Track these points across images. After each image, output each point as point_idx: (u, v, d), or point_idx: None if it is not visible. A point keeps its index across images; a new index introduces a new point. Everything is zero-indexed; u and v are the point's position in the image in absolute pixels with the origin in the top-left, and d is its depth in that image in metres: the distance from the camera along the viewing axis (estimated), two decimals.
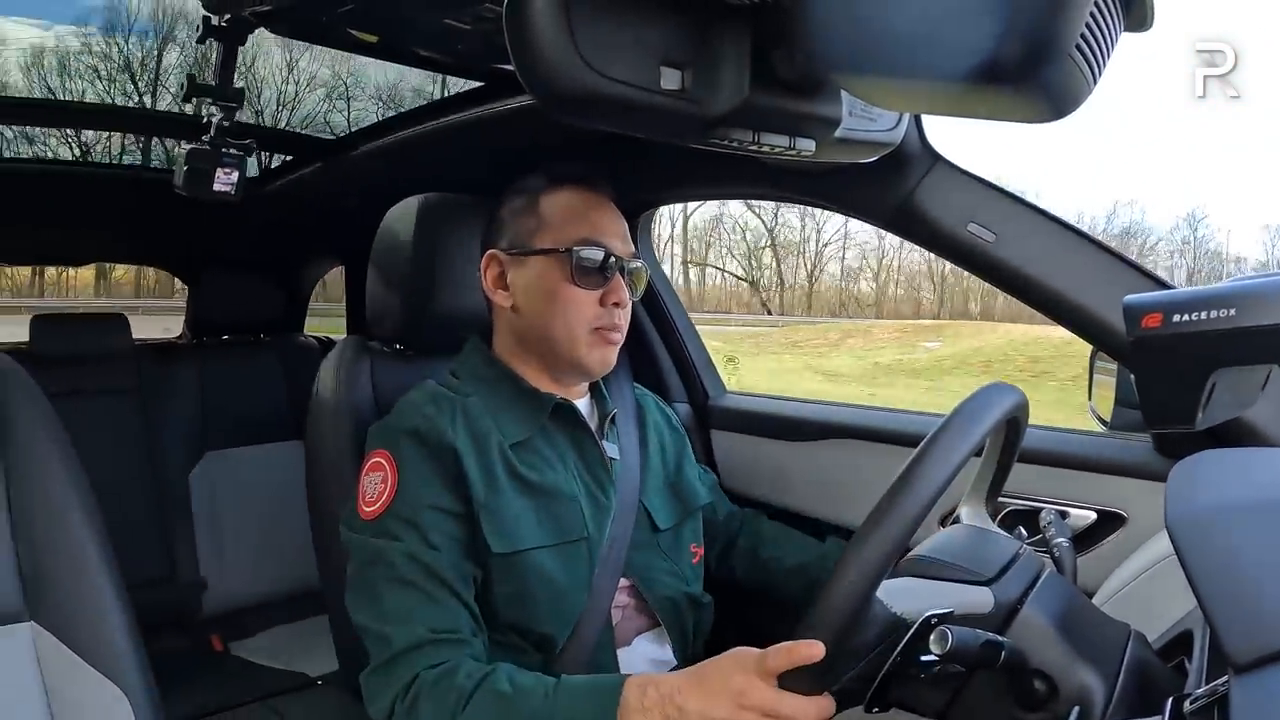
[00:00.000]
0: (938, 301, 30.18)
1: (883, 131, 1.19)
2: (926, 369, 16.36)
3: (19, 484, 1.35)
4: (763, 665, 1.07)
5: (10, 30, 2.29)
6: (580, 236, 1.50)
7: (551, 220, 1.53)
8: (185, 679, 2.75)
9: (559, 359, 1.54)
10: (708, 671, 1.14)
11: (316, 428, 1.72)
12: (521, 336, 1.57)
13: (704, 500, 1.74)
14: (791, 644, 1.02)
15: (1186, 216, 26.25)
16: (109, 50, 2.33)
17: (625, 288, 1.52)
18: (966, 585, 1.08)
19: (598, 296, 1.51)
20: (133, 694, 1.32)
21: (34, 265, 11.06)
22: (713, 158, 1.11)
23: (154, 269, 3.90)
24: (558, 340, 1.52)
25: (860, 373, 15.21)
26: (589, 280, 1.50)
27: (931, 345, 17.93)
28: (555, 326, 1.51)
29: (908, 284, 31.01)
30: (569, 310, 1.50)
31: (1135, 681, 1.01)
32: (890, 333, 20.41)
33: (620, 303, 1.52)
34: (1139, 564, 1.33)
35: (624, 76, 0.87)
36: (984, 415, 1.09)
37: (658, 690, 1.17)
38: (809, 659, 1.01)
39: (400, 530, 1.39)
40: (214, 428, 3.33)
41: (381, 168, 2.58)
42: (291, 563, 3.14)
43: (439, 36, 1.64)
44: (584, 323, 1.51)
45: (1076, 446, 1.66)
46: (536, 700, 1.24)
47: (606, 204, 1.57)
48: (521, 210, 1.56)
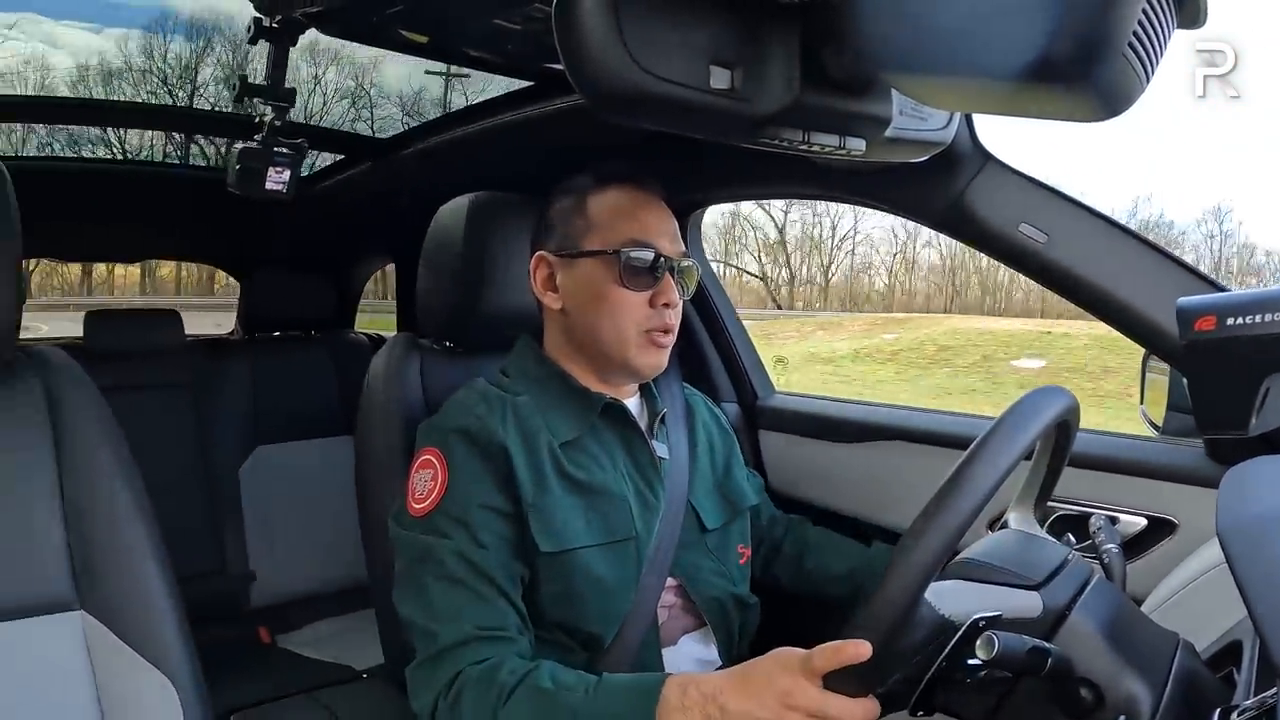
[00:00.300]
0: (948, 295, 30.07)
1: (933, 131, 1.18)
2: (842, 357, 17.08)
3: (72, 475, 1.38)
4: (808, 665, 1.05)
5: (61, 34, 2.34)
6: (629, 237, 1.49)
7: (599, 221, 1.52)
8: (232, 669, 2.77)
9: (609, 361, 1.53)
10: (751, 672, 1.12)
11: (366, 424, 1.74)
12: (571, 337, 1.56)
13: (751, 501, 1.73)
14: (838, 644, 1.01)
15: (1213, 210, 25.96)
16: (162, 52, 2.38)
17: (675, 288, 1.51)
18: (1015, 589, 1.07)
19: (647, 298, 1.49)
20: (180, 683, 1.34)
21: (92, 262, 11.24)
22: (762, 157, 1.11)
23: (196, 268, 3.95)
24: (607, 342, 1.51)
25: (794, 359, 15.54)
26: (638, 281, 1.49)
27: (889, 337, 18.25)
28: (604, 329, 1.51)
29: (927, 277, 30.89)
30: (618, 312, 1.49)
31: (1182, 692, 0.99)
32: (863, 325, 20.66)
33: (670, 303, 1.51)
34: (1189, 572, 1.31)
35: (673, 76, 0.87)
36: (1034, 419, 1.07)
37: (699, 690, 1.15)
38: (856, 659, 0.99)
39: (449, 528, 1.39)
40: (265, 423, 3.37)
41: (432, 167, 2.60)
42: (339, 557, 3.17)
43: (489, 36, 1.64)
44: (633, 325, 1.50)
45: (1127, 451, 1.63)
46: (577, 697, 1.23)
47: (655, 203, 1.55)
48: (569, 211, 1.55)
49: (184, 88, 2.65)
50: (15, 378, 1.41)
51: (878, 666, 1.00)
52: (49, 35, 2.34)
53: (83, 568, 1.35)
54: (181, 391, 3.29)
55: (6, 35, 2.29)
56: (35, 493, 1.36)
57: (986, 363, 15.69)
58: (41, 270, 18.57)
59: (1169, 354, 1.49)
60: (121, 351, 3.17)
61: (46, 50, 2.58)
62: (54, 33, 2.34)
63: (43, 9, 2.24)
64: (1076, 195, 1.56)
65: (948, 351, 16.53)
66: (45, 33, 2.32)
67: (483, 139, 2.30)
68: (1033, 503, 1.28)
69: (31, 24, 2.28)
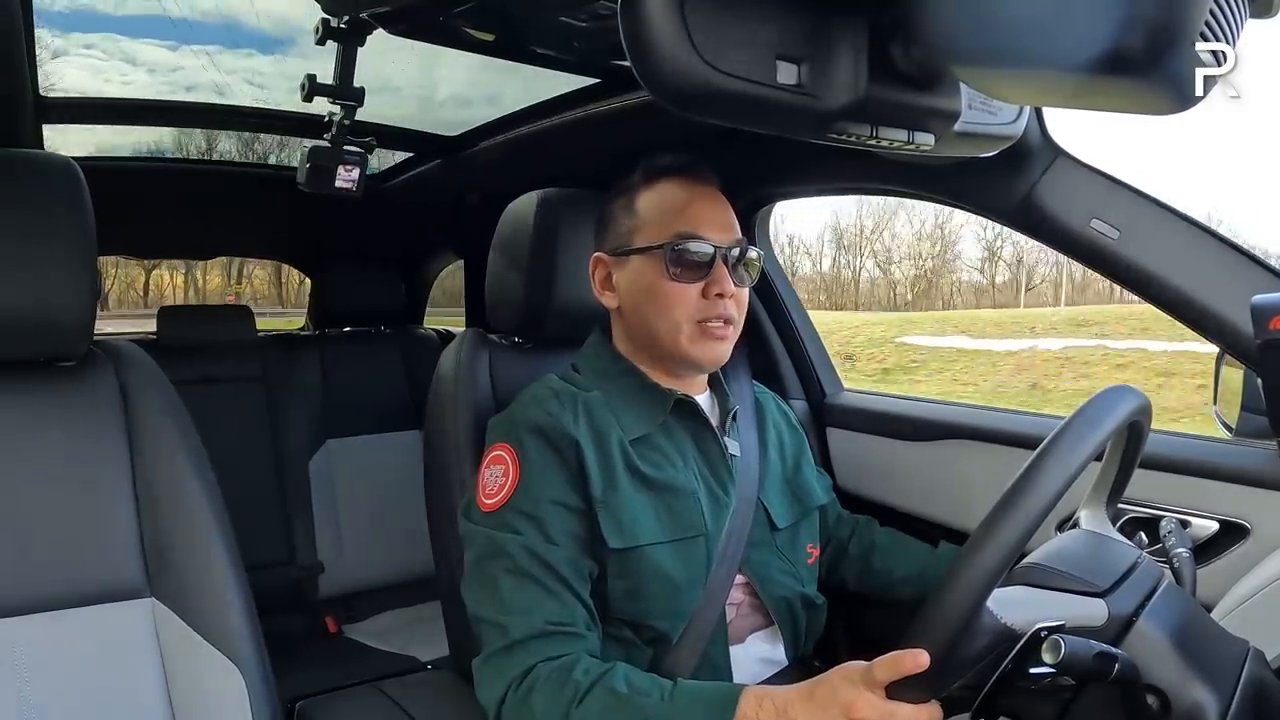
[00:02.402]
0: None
1: (1003, 125, 1.16)
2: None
3: (144, 465, 1.42)
4: (870, 677, 1.06)
5: (140, 51, 2.40)
6: (676, 231, 1.48)
7: (648, 217, 1.52)
8: (298, 658, 2.82)
9: (667, 355, 1.53)
10: (818, 686, 1.14)
11: (435, 418, 1.75)
12: (632, 335, 1.57)
13: (821, 500, 1.72)
14: (897, 654, 1.01)
15: (1204, 217, 25.50)
16: (234, 65, 2.44)
17: (729, 278, 1.49)
18: (1079, 596, 1.06)
19: (699, 289, 1.48)
20: (247, 670, 1.37)
21: (165, 258, 11.45)
22: (830, 152, 1.11)
23: (243, 279, 4.00)
24: (662, 337, 1.51)
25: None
26: (688, 274, 1.48)
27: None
28: (658, 323, 1.50)
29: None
30: (670, 306, 1.49)
31: (1251, 701, 0.98)
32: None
33: (723, 293, 1.49)
34: (1261, 578, 1.29)
35: (739, 71, 0.86)
36: (1103, 420, 1.05)
37: (773, 702, 1.16)
38: (915, 669, 0.99)
39: (520, 524, 1.40)
40: (334, 416, 3.42)
41: (500, 164, 2.62)
42: (406, 549, 3.21)
43: (555, 34, 1.65)
44: (686, 317, 1.49)
45: (1199, 453, 1.59)
46: (652, 702, 1.24)
47: (706, 192, 1.54)
48: (621, 210, 1.56)
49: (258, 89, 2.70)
50: (90, 370, 1.46)
51: (938, 675, 1.00)
52: (127, 53, 2.40)
53: (154, 556, 1.39)
54: (253, 385, 3.35)
55: (85, 54, 2.36)
56: (109, 482, 1.40)
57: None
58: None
59: (1243, 353, 1.46)
60: (193, 346, 3.24)
61: (126, 68, 2.65)
62: (132, 50, 2.41)
63: (120, 29, 2.31)
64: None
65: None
66: (124, 50, 2.39)
67: (550, 136, 2.31)
68: (1104, 502, 1.26)
69: (110, 43, 2.35)
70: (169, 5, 2.34)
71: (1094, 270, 1.60)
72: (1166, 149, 33.40)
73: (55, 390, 1.42)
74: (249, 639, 1.39)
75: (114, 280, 17.22)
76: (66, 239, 1.36)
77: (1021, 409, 2.12)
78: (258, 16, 2.42)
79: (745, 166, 2.06)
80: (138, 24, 2.34)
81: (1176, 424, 2.15)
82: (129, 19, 2.28)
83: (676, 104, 0.89)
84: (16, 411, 1.38)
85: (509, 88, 2.26)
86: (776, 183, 2.15)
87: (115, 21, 2.27)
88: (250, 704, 1.36)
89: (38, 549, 1.33)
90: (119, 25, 2.30)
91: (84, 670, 1.33)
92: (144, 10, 2.29)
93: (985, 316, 20.22)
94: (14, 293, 1.32)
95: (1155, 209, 1.52)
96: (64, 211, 1.36)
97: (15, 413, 1.38)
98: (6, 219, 1.32)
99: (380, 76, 1.93)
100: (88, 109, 2.48)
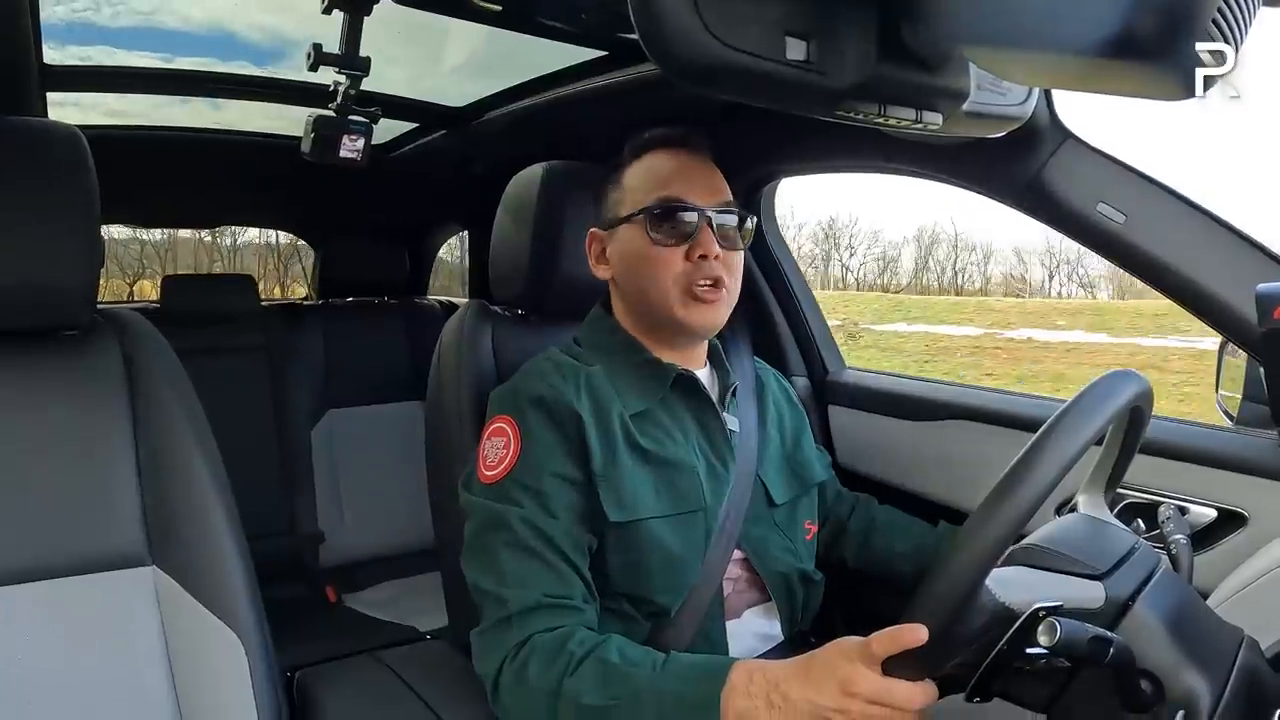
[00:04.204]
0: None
1: (1012, 106, 1.15)
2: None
3: (146, 434, 1.42)
4: (866, 651, 1.06)
5: (135, 61, 2.40)
6: (657, 196, 1.49)
7: (632, 187, 1.53)
8: (299, 627, 2.82)
9: (661, 322, 1.53)
10: (813, 660, 1.14)
11: (437, 389, 1.75)
12: (629, 306, 1.57)
13: (820, 477, 1.72)
14: (895, 629, 1.02)
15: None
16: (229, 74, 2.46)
17: (714, 240, 1.48)
18: (1078, 578, 1.06)
19: (683, 252, 1.48)
20: (248, 639, 1.37)
21: (168, 228, 11.42)
22: (837, 130, 1.10)
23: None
24: (653, 303, 1.51)
25: None
26: (670, 236, 1.47)
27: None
28: (648, 290, 1.50)
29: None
30: (656, 271, 1.48)
31: (1244, 689, 0.98)
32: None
33: (707, 255, 1.47)
34: (1258, 567, 1.29)
35: (748, 46, 0.85)
36: (1104, 404, 1.05)
37: (764, 676, 1.16)
38: (913, 643, 1.00)
39: (521, 496, 1.40)
40: (337, 386, 3.43)
41: (505, 136, 2.61)
42: (406, 520, 3.23)
43: (562, 5, 1.64)
44: (674, 281, 1.48)
45: (1200, 440, 1.59)
46: (644, 673, 1.24)
47: (690, 157, 1.54)
48: (611, 185, 1.57)
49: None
50: (93, 339, 1.46)
51: (936, 651, 1.00)
52: (123, 64, 2.41)
53: (155, 524, 1.39)
54: (256, 355, 3.36)
55: (80, 66, 2.38)
56: (111, 451, 1.40)
57: None
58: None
59: (1248, 342, 1.46)
60: (197, 315, 3.25)
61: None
62: (127, 63, 2.41)
63: (115, 41, 2.31)
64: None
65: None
66: (120, 62, 2.39)
67: (556, 108, 2.30)
68: (1103, 487, 1.26)
69: (105, 55, 2.35)
70: (164, 18, 2.36)
71: (1099, 254, 1.59)
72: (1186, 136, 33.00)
73: (59, 359, 1.42)
74: (250, 608, 1.39)
75: (104, 291, 17.26)
76: (70, 207, 1.35)
77: (1024, 391, 2.11)
78: (249, 29, 2.44)
79: (751, 142, 2.05)
80: (132, 36, 2.34)
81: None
82: (124, 31, 2.28)
83: (684, 78, 0.88)
84: (20, 379, 1.38)
85: (515, 59, 2.25)
86: (782, 160, 2.14)
87: (111, 34, 2.28)
88: (250, 672, 1.36)
89: (40, 517, 1.34)
90: (114, 37, 2.31)
91: (85, 638, 1.34)
92: (138, 23, 2.29)
93: (937, 303, 20.76)
94: (18, 261, 1.32)
95: (1163, 194, 1.52)
96: (68, 180, 1.36)
97: (19, 381, 1.38)
98: (10, 187, 1.32)
99: (386, 46, 1.92)
100: (92, 76, 2.48)
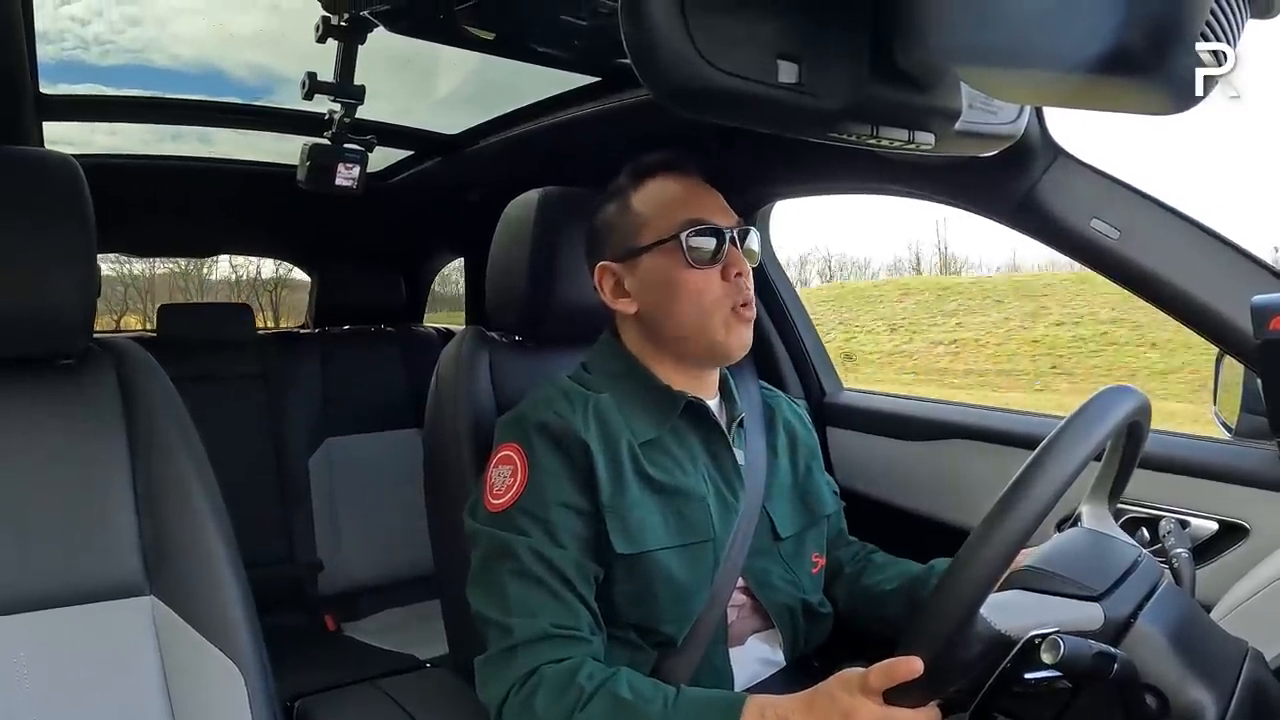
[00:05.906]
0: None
1: (1004, 124, 1.15)
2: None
3: (143, 462, 1.41)
4: (866, 684, 1.08)
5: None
6: (684, 219, 1.47)
7: (649, 213, 1.51)
8: (298, 656, 2.80)
9: (696, 349, 1.51)
10: (816, 695, 1.15)
11: (435, 417, 1.74)
12: (652, 336, 1.54)
13: (830, 509, 1.70)
14: (891, 662, 1.03)
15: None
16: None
17: (742, 258, 1.49)
18: (1075, 600, 1.06)
19: (718, 272, 1.47)
20: (246, 668, 1.36)
21: (164, 256, 11.43)
22: (831, 152, 1.11)
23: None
24: (691, 329, 1.49)
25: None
26: (705, 260, 1.46)
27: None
28: (686, 315, 1.48)
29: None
30: (695, 296, 1.47)
31: (1250, 701, 0.98)
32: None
33: (741, 272, 1.48)
34: (1260, 578, 1.29)
35: (740, 70, 0.84)
36: (1101, 422, 1.05)
37: (775, 712, 1.18)
38: (909, 675, 1.01)
39: (527, 525, 1.39)
40: (334, 414, 3.41)
41: (500, 162, 2.62)
42: (405, 548, 3.21)
43: (556, 32, 1.64)
44: (715, 304, 1.47)
45: (1199, 453, 1.60)
46: (656, 709, 1.24)
47: (697, 181, 1.54)
48: (617, 214, 1.55)
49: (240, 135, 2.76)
50: (89, 367, 1.45)
51: (933, 681, 1.01)
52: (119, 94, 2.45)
53: (153, 553, 1.38)
54: (252, 383, 3.34)
55: (76, 96, 2.41)
56: (108, 479, 1.39)
57: None
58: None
59: (1244, 354, 1.46)
60: (193, 343, 3.24)
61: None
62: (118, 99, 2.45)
63: (105, 79, 2.34)
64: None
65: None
66: (110, 100, 2.42)
67: (550, 134, 2.31)
68: (1105, 500, 1.26)
69: (96, 93, 2.38)
70: (153, 56, 2.38)
71: (1094, 270, 1.60)
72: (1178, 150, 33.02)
73: (55, 387, 1.41)
74: (249, 637, 1.38)
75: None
76: (66, 236, 1.35)
77: (1022, 409, 2.12)
78: (238, 66, 2.47)
79: (746, 166, 2.06)
80: (122, 74, 2.37)
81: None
82: (114, 69, 2.31)
83: (677, 103, 0.88)
84: (16, 408, 1.38)
85: (509, 86, 2.27)
86: (777, 182, 2.14)
87: (102, 72, 2.31)
88: (250, 702, 1.35)
89: (37, 546, 1.33)
90: (105, 76, 2.34)
91: (83, 668, 1.33)
92: (128, 61, 2.32)
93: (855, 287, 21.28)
94: (14, 290, 1.32)
95: (1156, 209, 1.52)
96: (64, 209, 1.36)
97: (15, 410, 1.38)
98: (6, 216, 1.32)
99: (381, 75, 1.94)
100: (88, 106, 2.49)
